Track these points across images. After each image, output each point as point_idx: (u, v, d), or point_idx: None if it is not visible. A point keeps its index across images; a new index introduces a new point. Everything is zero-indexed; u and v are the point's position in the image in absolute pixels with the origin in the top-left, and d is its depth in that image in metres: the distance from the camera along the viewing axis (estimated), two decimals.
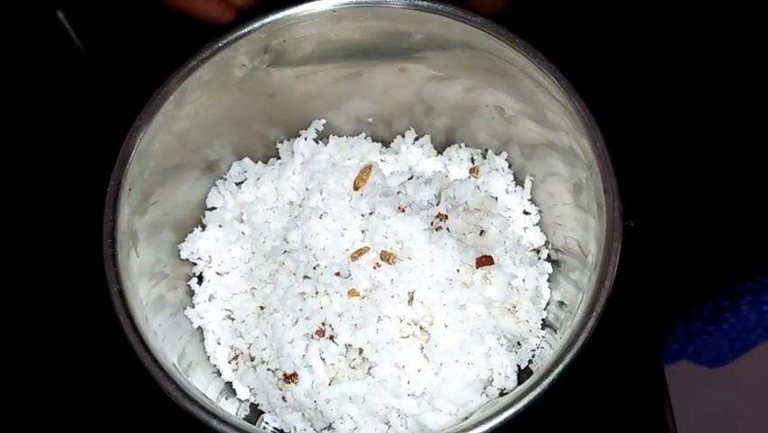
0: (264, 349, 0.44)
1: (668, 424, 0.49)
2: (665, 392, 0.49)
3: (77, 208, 0.43)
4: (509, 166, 0.49)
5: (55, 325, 0.49)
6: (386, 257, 0.42)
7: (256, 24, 0.41)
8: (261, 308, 0.45)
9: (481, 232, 0.44)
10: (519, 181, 0.48)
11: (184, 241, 0.46)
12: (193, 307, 0.46)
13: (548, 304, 0.45)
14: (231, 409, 0.44)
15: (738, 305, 0.63)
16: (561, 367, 0.35)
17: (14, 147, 0.55)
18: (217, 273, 0.46)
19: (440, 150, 0.50)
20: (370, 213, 0.43)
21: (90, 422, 0.47)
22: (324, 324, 0.41)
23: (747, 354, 0.66)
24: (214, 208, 0.47)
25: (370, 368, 0.41)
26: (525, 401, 0.34)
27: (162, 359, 0.36)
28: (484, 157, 0.49)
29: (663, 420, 0.49)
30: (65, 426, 0.48)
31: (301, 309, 0.42)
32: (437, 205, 0.44)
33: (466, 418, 0.40)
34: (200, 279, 0.47)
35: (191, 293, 0.46)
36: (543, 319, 0.45)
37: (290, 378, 0.42)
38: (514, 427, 0.36)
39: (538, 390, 0.34)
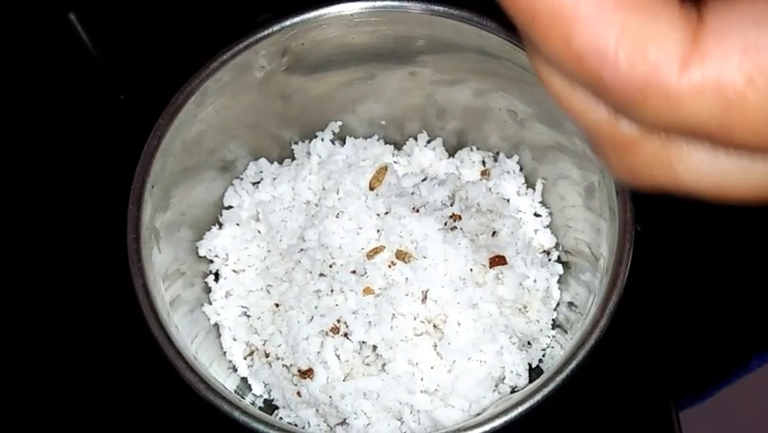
0: (279, 345, 0.45)
1: (673, 425, 0.50)
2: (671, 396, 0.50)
3: (99, 207, 0.44)
4: (521, 169, 0.49)
5: (77, 321, 0.50)
6: (401, 256, 0.42)
7: (276, 27, 0.42)
8: (277, 305, 0.46)
9: (494, 233, 0.45)
10: (530, 184, 0.49)
11: (202, 239, 0.47)
12: (210, 304, 0.47)
13: (558, 305, 0.46)
14: None
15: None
16: (574, 364, 0.36)
17: (30, 147, 0.56)
18: (234, 271, 0.47)
19: (452, 152, 0.51)
20: (386, 213, 0.44)
21: (111, 415, 0.48)
22: (339, 321, 0.42)
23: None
24: (231, 207, 0.48)
25: (384, 365, 0.42)
26: (538, 397, 0.35)
27: (185, 351, 0.36)
28: (495, 160, 0.50)
29: (669, 422, 0.50)
30: (87, 419, 0.49)
31: (316, 307, 0.43)
32: (451, 206, 0.45)
33: (478, 414, 0.41)
34: (217, 276, 0.47)
35: (208, 290, 0.47)
36: (553, 320, 0.46)
37: (305, 374, 0.42)
38: (525, 425, 0.36)
39: (551, 386, 0.35)
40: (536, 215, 0.49)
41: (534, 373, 0.44)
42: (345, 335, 0.42)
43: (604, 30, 0.17)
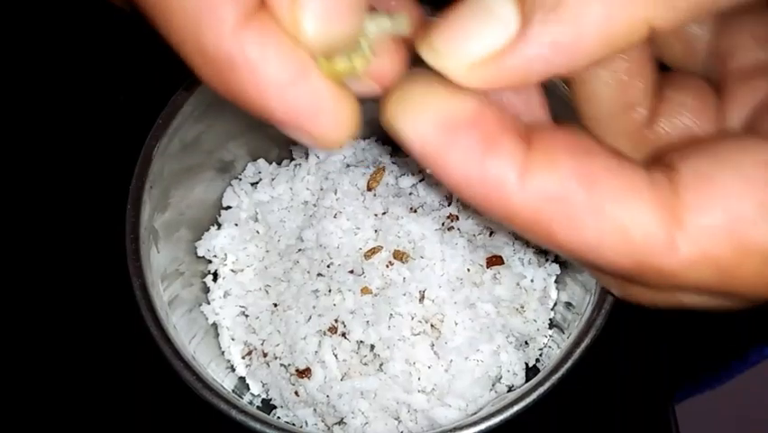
0: (277, 345, 0.45)
1: (670, 425, 0.50)
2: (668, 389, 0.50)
3: (99, 207, 0.44)
4: None
5: (76, 320, 0.50)
6: (398, 256, 0.43)
7: None
8: (275, 305, 0.46)
9: (491, 232, 0.45)
10: None
11: (200, 239, 0.47)
12: (208, 303, 0.47)
13: (555, 304, 0.47)
14: None
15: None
16: (569, 363, 0.36)
17: (30, 148, 0.56)
18: (232, 271, 0.47)
19: None
20: (383, 213, 0.44)
21: (109, 415, 0.48)
22: (336, 321, 0.43)
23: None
24: (229, 208, 0.48)
25: (381, 364, 0.42)
26: (534, 396, 0.35)
27: (183, 351, 0.37)
28: None
29: (666, 421, 0.50)
30: (85, 419, 0.49)
31: (314, 307, 0.43)
32: (448, 206, 0.45)
33: (475, 413, 0.41)
34: (215, 276, 0.48)
35: (206, 290, 0.47)
36: (550, 319, 0.46)
37: (303, 373, 0.43)
38: (522, 422, 0.37)
39: (547, 385, 0.35)
40: None
41: (531, 372, 0.44)
42: (343, 334, 0.42)
43: (583, 226, 0.18)
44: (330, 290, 0.43)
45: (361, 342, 0.42)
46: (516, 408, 0.35)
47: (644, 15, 0.17)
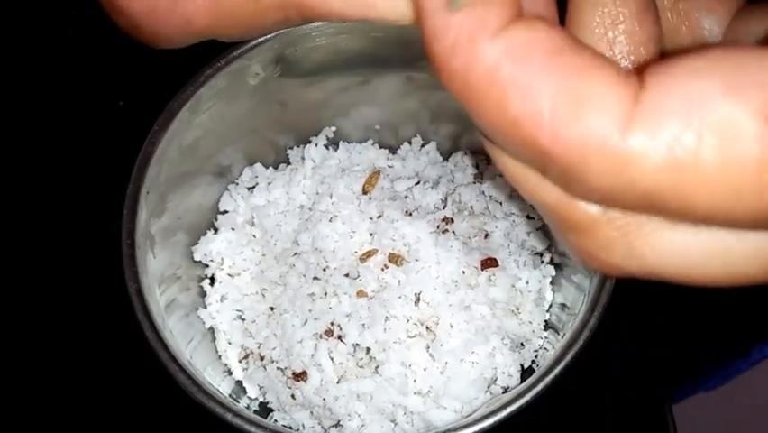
0: (274, 348, 0.45)
1: (668, 426, 0.50)
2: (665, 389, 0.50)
3: (96, 212, 0.45)
4: None
5: (72, 325, 0.51)
6: (393, 259, 0.43)
7: (270, 35, 0.43)
8: (272, 308, 0.46)
9: (486, 235, 0.45)
10: None
11: (197, 243, 0.47)
12: (205, 307, 0.47)
13: (551, 306, 0.47)
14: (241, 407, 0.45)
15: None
16: (563, 364, 0.36)
17: (28, 152, 0.56)
18: (229, 275, 0.48)
19: (446, 156, 0.52)
20: (379, 216, 0.44)
21: (105, 419, 0.49)
22: (332, 324, 0.43)
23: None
24: (226, 212, 0.49)
25: (377, 367, 0.42)
26: (527, 397, 0.36)
27: (178, 355, 0.37)
28: (488, 163, 0.51)
29: (664, 422, 0.50)
30: (81, 423, 0.49)
31: (310, 310, 0.44)
32: (443, 209, 0.46)
33: (470, 415, 0.41)
34: (212, 280, 0.48)
35: (203, 294, 0.48)
36: (545, 321, 0.46)
37: (299, 376, 0.43)
38: (518, 423, 0.37)
39: (540, 386, 0.36)
40: (529, 217, 0.49)
41: (527, 373, 0.44)
42: (339, 337, 0.43)
43: (538, 93, 0.16)
44: (326, 294, 0.43)
45: (357, 345, 0.42)
46: (509, 409, 0.36)
47: None
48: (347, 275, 0.43)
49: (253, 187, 0.50)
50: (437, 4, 0.17)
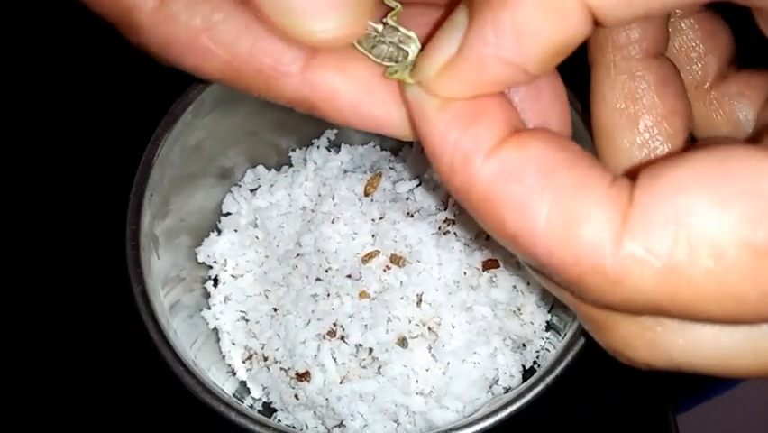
0: (277, 349, 0.45)
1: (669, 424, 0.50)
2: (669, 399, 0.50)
3: (100, 215, 0.45)
4: None
5: (78, 327, 0.51)
6: (395, 260, 0.43)
7: None
8: (275, 309, 0.46)
9: (487, 236, 0.46)
10: None
11: (200, 245, 0.48)
12: (209, 308, 0.47)
13: (552, 307, 0.47)
14: None
15: None
16: (563, 365, 0.36)
17: (30, 155, 0.57)
18: (232, 276, 0.48)
19: None
20: (380, 218, 0.45)
21: (110, 419, 0.49)
22: (335, 325, 0.43)
23: None
24: (229, 214, 0.49)
25: (379, 367, 0.43)
26: (528, 397, 0.36)
27: (183, 355, 0.37)
28: None
29: (666, 425, 0.50)
30: (86, 423, 0.49)
31: (313, 311, 0.44)
32: (445, 210, 0.46)
33: (472, 415, 0.41)
34: (216, 281, 0.48)
35: (207, 296, 0.48)
36: (547, 322, 0.46)
37: (303, 377, 0.43)
38: (521, 425, 0.37)
39: (541, 386, 0.36)
40: None
41: (529, 374, 0.44)
42: (342, 338, 0.43)
43: (531, 213, 0.17)
44: (328, 295, 0.44)
45: (360, 345, 0.43)
46: (511, 409, 0.36)
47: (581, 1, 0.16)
48: (349, 276, 0.44)
49: (256, 189, 0.50)
50: (432, 124, 0.18)
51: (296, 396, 0.44)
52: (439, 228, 0.44)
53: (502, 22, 0.16)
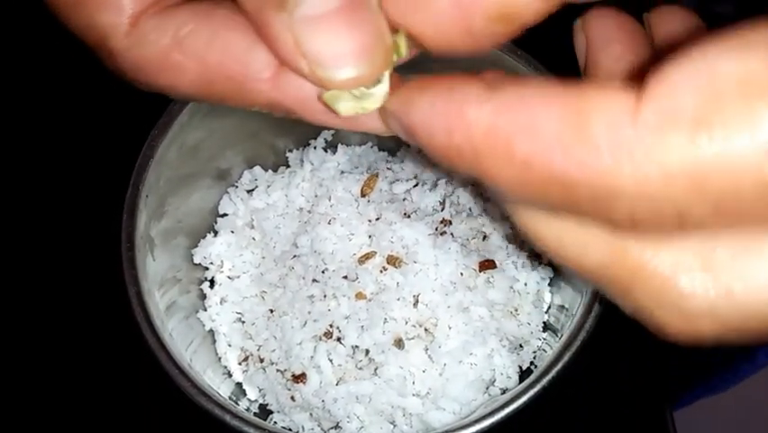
0: (273, 351, 0.45)
1: (667, 425, 0.50)
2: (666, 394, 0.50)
3: (96, 216, 0.45)
4: None
5: (73, 328, 0.51)
6: (392, 261, 0.43)
7: None
8: (271, 310, 0.46)
9: (484, 237, 0.46)
10: None
11: (197, 246, 0.48)
12: (205, 310, 0.47)
13: (549, 307, 0.47)
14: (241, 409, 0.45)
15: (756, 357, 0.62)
16: (560, 365, 0.36)
17: (26, 156, 0.57)
18: (229, 277, 0.48)
19: None
20: (377, 219, 0.45)
21: (105, 422, 0.49)
22: (331, 326, 0.43)
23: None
24: (225, 215, 0.49)
25: (376, 369, 0.43)
26: (524, 398, 0.36)
27: (178, 357, 0.37)
28: None
29: (663, 421, 0.50)
30: (81, 425, 0.49)
31: (309, 312, 0.44)
32: (442, 211, 0.46)
33: (469, 416, 0.41)
34: (212, 283, 0.48)
35: (203, 297, 0.48)
36: (544, 322, 0.46)
37: (299, 378, 0.43)
38: (518, 425, 0.37)
39: (538, 387, 0.36)
40: None
41: (526, 375, 0.44)
42: (338, 339, 0.43)
43: (539, 129, 0.16)
44: (325, 296, 0.44)
45: (356, 347, 0.43)
46: (507, 410, 0.36)
47: None
48: (346, 277, 0.43)
49: (253, 190, 0.50)
50: (416, 107, 0.19)
51: (292, 398, 0.44)
52: (436, 229, 0.44)
53: None
